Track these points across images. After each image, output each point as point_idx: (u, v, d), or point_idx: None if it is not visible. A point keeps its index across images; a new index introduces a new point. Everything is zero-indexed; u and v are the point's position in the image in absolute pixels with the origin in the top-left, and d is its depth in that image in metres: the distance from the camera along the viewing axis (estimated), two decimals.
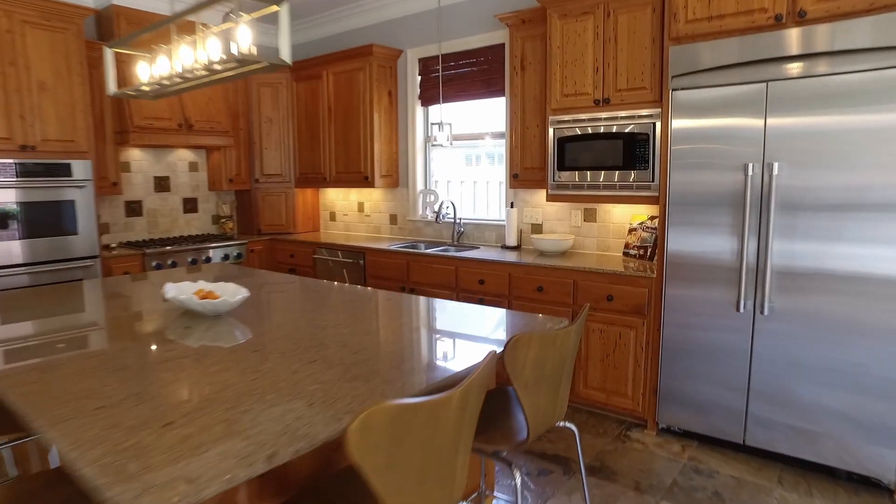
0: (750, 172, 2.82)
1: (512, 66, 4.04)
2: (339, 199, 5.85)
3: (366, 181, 5.11)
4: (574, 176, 3.64)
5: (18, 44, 4.04)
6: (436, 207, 5.06)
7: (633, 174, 3.40)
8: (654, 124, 3.30)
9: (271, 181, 5.72)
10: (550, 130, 3.71)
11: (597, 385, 3.54)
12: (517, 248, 4.42)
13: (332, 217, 5.93)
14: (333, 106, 5.27)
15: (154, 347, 1.98)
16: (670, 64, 3.01)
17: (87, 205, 4.38)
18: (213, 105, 5.15)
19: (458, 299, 4.16)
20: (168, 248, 4.83)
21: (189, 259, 4.95)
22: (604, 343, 3.48)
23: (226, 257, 5.20)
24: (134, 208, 5.25)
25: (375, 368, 1.69)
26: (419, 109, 5.12)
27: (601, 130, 3.49)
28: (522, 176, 4.07)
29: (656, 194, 3.34)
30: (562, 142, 3.65)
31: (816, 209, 2.68)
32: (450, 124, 4.70)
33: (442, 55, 4.84)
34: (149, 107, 4.74)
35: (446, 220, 4.97)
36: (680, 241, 3.09)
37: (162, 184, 5.41)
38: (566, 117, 3.63)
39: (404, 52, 5.09)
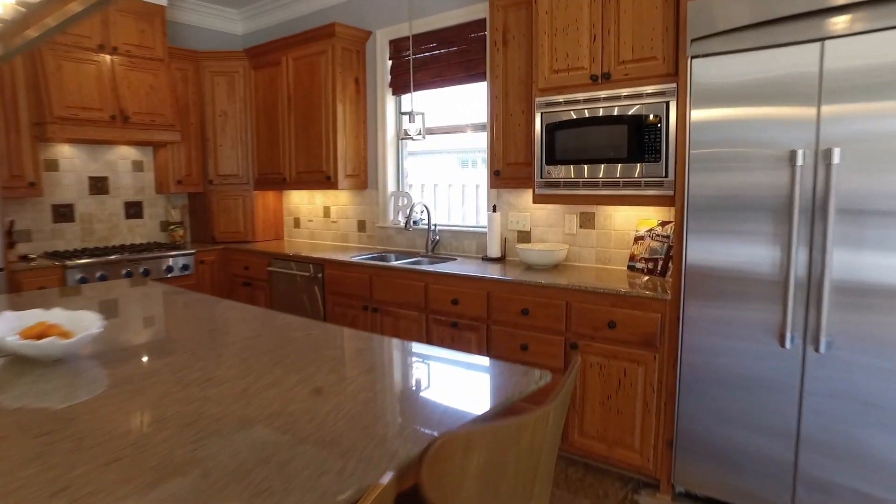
0: (799, 162, 2.08)
1: (492, 40, 3.31)
2: (304, 204, 5.11)
3: (328, 182, 4.37)
4: (567, 171, 2.90)
5: None
6: (408, 212, 4.32)
7: (640, 168, 2.66)
8: (668, 104, 2.56)
9: (227, 183, 4.99)
10: (537, 116, 2.97)
11: (595, 433, 2.78)
12: (501, 259, 3.68)
13: (297, 223, 5.19)
14: (293, 96, 4.55)
15: None
16: (689, 24, 2.28)
17: None
18: (155, 95, 4.43)
19: (427, 323, 3.42)
20: (97, 259, 4.09)
21: (123, 272, 4.21)
22: (604, 382, 2.72)
23: (169, 270, 4.46)
24: (63, 213, 4.51)
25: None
26: (391, 99, 4.39)
27: (600, 114, 2.75)
28: (506, 173, 3.33)
29: (670, 193, 2.60)
30: (552, 129, 2.91)
31: (893, 208, 1.94)
32: (422, 114, 3.98)
33: (414, 35, 4.12)
34: (74, 94, 4.02)
35: (420, 226, 4.24)
36: (703, 251, 2.34)
37: (99, 185, 4.68)
38: (557, 98, 2.90)
39: (373, 33, 4.37)
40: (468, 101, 3.99)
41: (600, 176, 2.78)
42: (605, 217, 3.28)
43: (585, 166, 2.82)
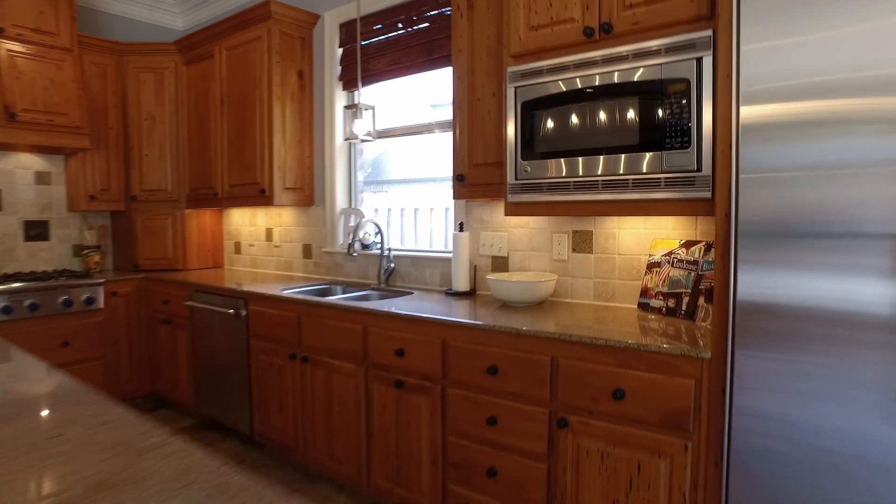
0: None
1: (455, 3, 2.47)
2: (245, 225, 4.22)
3: (262, 197, 3.49)
4: (552, 168, 2.01)
5: None
6: (360, 234, 3.43)
7: (657, 159, 1.77)
8: (699, 63, 1.68)
9: (154, 199, 4.11)
10: (510, 92, 2.09)
11: None
12: (470, 294, 2.76)
13: (238, 248, 4.29)
14: (227, 95, 3.70)
15: None
16: None
17: None
18: (56, 91, 3.58)
19: (367, 380, 2.49)
20: None
21: (1, 306, 3.30)
22: (607, 481, 1.78)
23: (67, 304, 3.54)
24: None
25: None
26: (341, 96, 3.55)
27: (597, 83, 1.87)
28: (472, 178, 2.45)
29: (706, 194, 1.70)
30: (530, 110, 2.04)
31: None
32: (371, 108, 3.12)
33: (367, 15, 3.29)
34: None
35: (374, 251, 3.34)
36: (767, 283, 1.44)
37: None
38: (537, 65, 2.03)
39: (321, 16, 3.55)
40: (435, 94, 3.14)
41: (599, 173, 1.88)
42: (606, 236, 2.38)
43: (579, 161, 1.93)
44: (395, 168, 3.63)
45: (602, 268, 2.40)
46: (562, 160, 1.96)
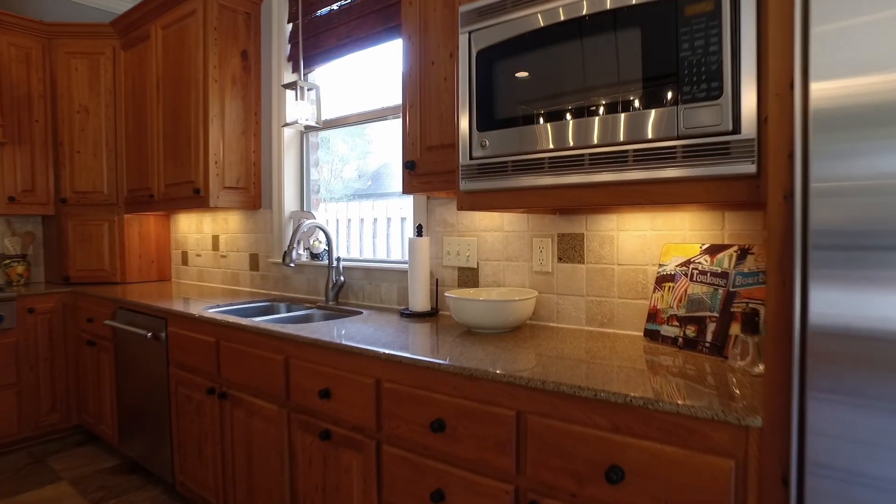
0: None
1: None
2: (192, 232, 3.64)
3: (197, 197, 2.91)
4: (518, 139, 1.40)
5: None
6: (309, 242, 2.84)
7: (670, 118, 1.17)
8: None
9: (86, 202, 3.53)
10: (462, 39, 1.50)
11: None
12: (431, 315, 2.16)
13: (185, 259, 3.71)
14: (162, 81, 3.14)
15: None
16: None
17: None
18: None
19: (290, 426, 1.88)
20: None
21: None
22: None
23: None
24: None
25: None
26: (291, 80, 2.97)
27: (583, 12, 1.28)
28: (425, 165, 1.85)
29: (748, 168, 1.10)
30: (489, 60, 1.44)
31: None
32: (315, 87, 2.55)
33: None
34: None
35: (322, 262, 2.75)
36: (858, 303, 0.83)
37: None
38: None
39: None
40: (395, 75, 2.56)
41: (588, 143, 1.28)
42: (602, 240, 1.79)
43: (555, 127, 1.33)
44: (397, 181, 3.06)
45: (596, 282, 1.80)
46: (532, 127, 1.36)
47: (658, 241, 1.67)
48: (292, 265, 2.40)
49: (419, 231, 2.19)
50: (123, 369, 2.86)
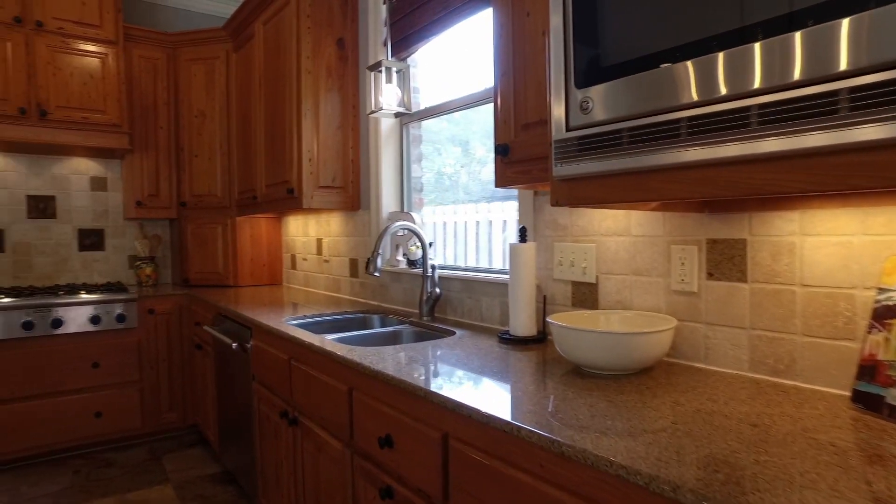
0: None
1: None
2: (300, 236, 3.53)
3: (290, 198, 2.73)
4: (639, 92, 0.91)
5: None
6: (408, 247, 2.52)
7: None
8: None
9: (203, 205, 3.57)
10: None
11: None
12: (536, 341, 1.71)
13: (294, 263, 3.61)
14: (263, 78, 3.03)
15: None
16: None
17: None
18: (94, 87, 3.16)
19: (354, 472, 1.55)
20: None
21: (20, 322, 2.89)
22: None
23: (95, 320, 3.07)
24: None
25: None
26: (393, 70, 2.68)
27: None
28: (522, 148, 1.41)
29: None
30: None
31: None
32: (403, 68, 2.21)
33: None
34: None
35: (418, 270, 2.41)
36: None
37: (41, 207, 3.49)
38: None
39: None
40: None
41: (755, 87, 0.76)
42: (775, 249, 1.22)
43: (697, 66, 0.83)
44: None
45: (766, 310, 1.23)
46: (659, 71, 0.87)
47: (874, 252, 1.07)
48: (376, 274, 2.09)
49: (522, 235, 1.75)
50: (222, 377, 2.77)
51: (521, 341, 1.71)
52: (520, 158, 1.41)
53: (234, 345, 2.37)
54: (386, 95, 2.26)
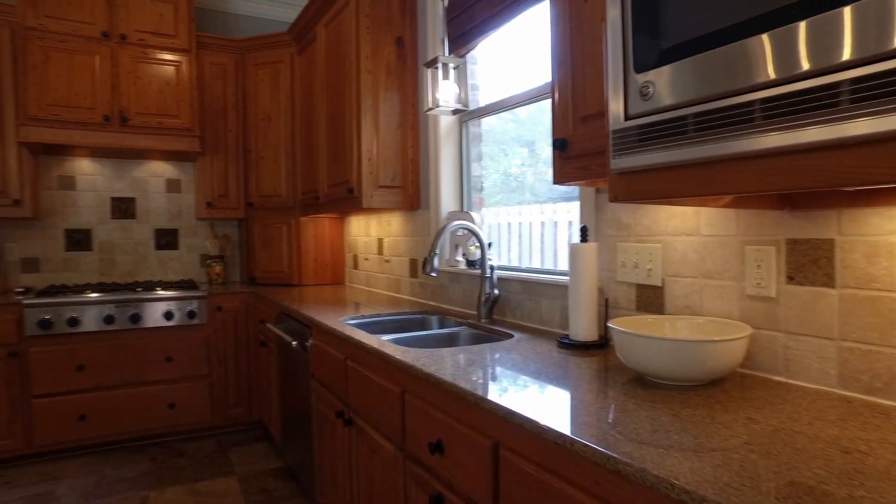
0: None
1: None
2: (362, 235, 3.57)
3: (351, 198, 2.76)
4: (704, 73, 0.83)
5: None
6: (469, 246, 2.48)
7: None
8: None
9: (268, 206, 3.69)
10: None
11: None
12: (598, 346, 1.63)
13: (356, 263, 3.66)
14: (324, 80, 3.08)
15: None
16: None
17: None
18: (170, 93, 3.33)
19: (405, 476, 1.53)
20: (69, 298, 3.01)
21: (104, 315, 3.08)
22: None
23: (168, 316, 3.23)
24: (78, 240, 3.60)
25: None
26: (450, 66, 2.65)
27: None
28: (581, 142, 1.34)
29: None
30: None
31: None
32: (461, 63, 2.17)
33: None
34: (60, 91, 3.07)
35: (477, 270, 2.37)
36: None
37: (124, 208, 3.72)
38: None
39: None
40: None
41: (843, 59, 0.67)
42: (870, 250, 1.09)
43: (774, 39, 0.74)
44: None
45: (858, 319, 1.10)
46: (728, 48, 0.78)
47: None
48: (433, 274, 2.06)
49: (583, 235, 1.67)
50: (284, 374, 2.84)
51: (581, 346, 1.63)
52: (579, 153, 1.33)
53: (294, 343, 2.42)
54: (443, 92, 2.23)
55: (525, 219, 2.36)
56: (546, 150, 2.38)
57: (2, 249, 3.39)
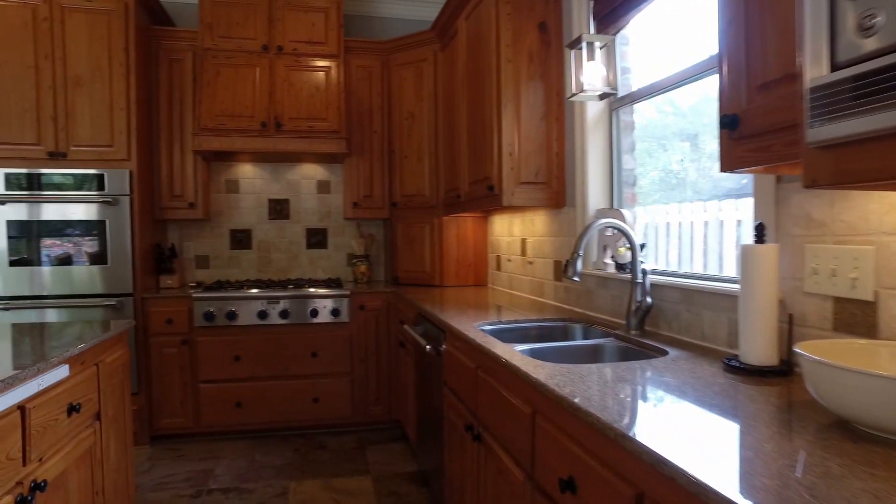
0: None
1: None
2: (505, 235, 3.45)
3: (491, 195, 2.65)
4: None
5: (57, 33, 3.13)
6: (619, 247, 2.24)
7: None
8: None
9: (411, 206, 3.73)
10: None
11: None
12: (777, 373, 1.32)
13: (498, 264, 3.55)
14: (465, 74, 3.01)
15: None
16: None
17: (120, 227, 3.18)
18: (319, 98, 3.51)
19: None
20: (229, 293, 3.30)
21: (257, 310, 3.33)
22: None
23: (314, 314, 3.40)
24: (240, 239, 3.95)
25: None
26: (598, 43, 2.41)
27: None
28: (756, 118, 1.07)
29: None
30: None
31: None
32: (608, 42, 1.93)
33: None
34: (226, 102, 3.37)
35: (627, 275, 2.11)
36: None
37: (279, 209, 4.00)
38: None
39: None
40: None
41: None
42: None
43: None
44: None
45: None
46: None
47: None
48: (576, 278, 1.86)
49: (759, 234, 1.37)
50: (420, 377, 2.82)
51: (756, 372, 1.34)
52: (755, 131, 1.07)
53: (428, 347, 2.37)
54: (588, 75, 2.02)
55: (686, 218, 2.05)
56: (711, 144, 2.06)
57: (181, 247, 3.83)
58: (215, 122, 3.35)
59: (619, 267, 2.21)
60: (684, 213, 2.06)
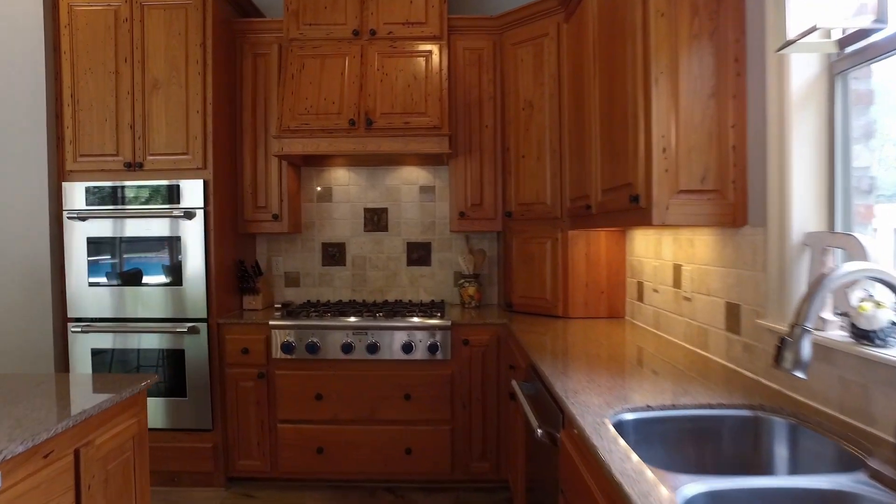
0: None
1: None
2: (649, 257, 2.61)
3: (635, 209, 1.86)
4: None
5: (136, 33, 2.87)
6: (856, 298, 1.36)
7: None
8: None
9: (528, 217, 3.02)
10: None
11: None
12: None
13: (640, 293, 2.72)
14: (597, 50, 2.24)
15: None
16: None
17: (195, 244, 2.85)
18: (417, 88, 2.92)
19: None
20: (311, 321, 2.84)
21: (341, 342, 2.83)
22: None
23: (407, 348, 2.82)
24: (333, 254, 3.50)
25: None
26: None
27: None
28: None
29: None
30: None
31: None
32: None
33: None
34: (311, 98, 2.91)
35: (884, 350, 1.23)
36: None
37: (376, 219, 3.49)
38: None
39: None
40: None
41: None
42: None
43: None
44: None
45: None
46: None
47: None
48: (800, 374, 1.06)
49: None
50: (530, 449, 2.11)
51: None
52: None
53: (539, 431, 1.66)
54: (818, 5, 1.18)
55: None
56: None
57: (269, 264, 3.46)
58: (298, 122, 2.89)
59: (858, 333, 1.33)
60: None
